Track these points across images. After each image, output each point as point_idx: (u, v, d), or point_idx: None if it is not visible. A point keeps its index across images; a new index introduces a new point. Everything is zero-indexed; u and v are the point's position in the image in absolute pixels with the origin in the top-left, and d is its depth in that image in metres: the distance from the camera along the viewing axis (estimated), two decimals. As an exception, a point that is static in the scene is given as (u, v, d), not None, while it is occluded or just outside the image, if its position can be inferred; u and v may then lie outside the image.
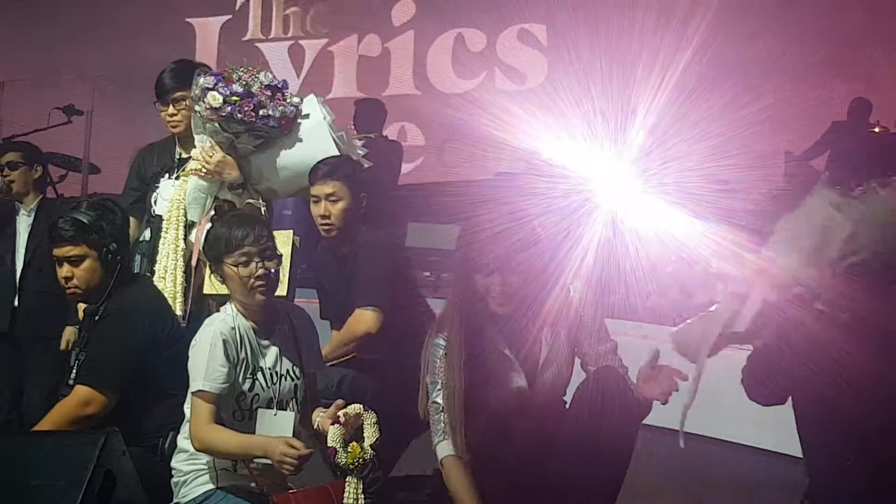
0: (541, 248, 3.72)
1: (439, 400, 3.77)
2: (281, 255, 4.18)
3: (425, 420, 3.91)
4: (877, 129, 10.30)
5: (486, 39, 12.56)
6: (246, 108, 4.92)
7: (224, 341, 3.99)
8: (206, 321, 4.13)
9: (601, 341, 3.84)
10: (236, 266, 4.04)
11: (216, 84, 4.90)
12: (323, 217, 4.98)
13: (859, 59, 11.15)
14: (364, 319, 4.87)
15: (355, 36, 12.98)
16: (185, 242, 5.09)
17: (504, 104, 9.91)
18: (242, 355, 4.04)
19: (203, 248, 4.31)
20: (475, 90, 12.61)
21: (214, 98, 4.90)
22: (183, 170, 5.20)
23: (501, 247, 3.66)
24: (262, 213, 5.04)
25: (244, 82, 4.93)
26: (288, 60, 13.06)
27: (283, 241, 4.80)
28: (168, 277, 5.05)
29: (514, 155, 10.01)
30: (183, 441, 4.09)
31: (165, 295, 4.88)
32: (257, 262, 4.05)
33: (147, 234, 5.26)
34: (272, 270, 4.07)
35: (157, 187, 5.30)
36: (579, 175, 8.80)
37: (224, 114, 4.92)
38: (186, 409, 4.05)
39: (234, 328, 4.05)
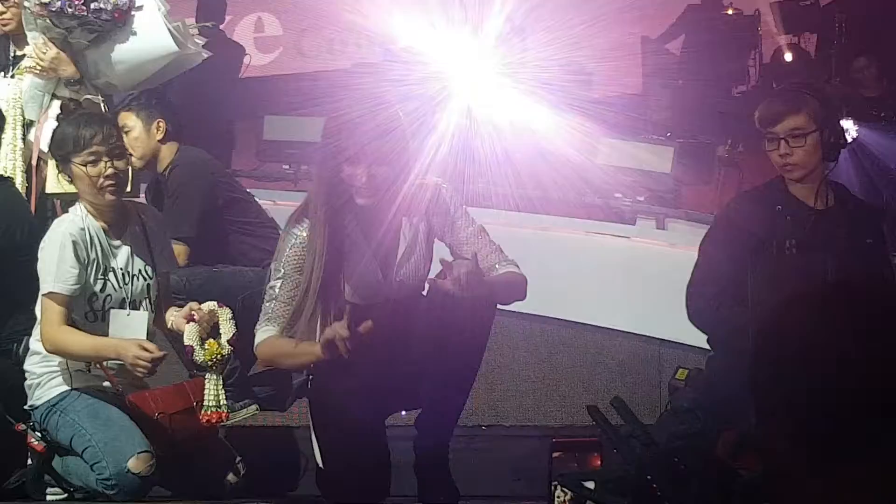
0: (402, 136, 3.70)
1: (275, 286, 3.72)
2: (130, 154, 4.12)
3: None
4: (730, 12, 10.43)
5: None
6: (76, 2, 4.81)
7: (74, 242, 3.94)
8: (55, 222, 4.07)
9: (466, 226, 3.84)
10: (85, 165, 3.98)
11: None
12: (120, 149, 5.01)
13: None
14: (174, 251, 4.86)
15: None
16: (24, 142, 4.98)
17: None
18: (93, 256, 3.99)
19: (50, 147, 4.22)
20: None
21: None
22: (18, 68, 5.07)
23: (367, 136, 3.62)
24: (103, 108, 4.95)
25: None
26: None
27: None
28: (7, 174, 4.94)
29: (372, 41, 9.96)
30: (35, 343, 4.05)
31: None
32: (106, 162, 3.99)
33: None
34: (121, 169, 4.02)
35: None
36: (437, 62, 8.82)
37: (54, 9, 4.80)
38: (37, 311, 4.00)
39: (83, 229, 3.99)
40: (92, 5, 4.83)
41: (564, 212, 7.89)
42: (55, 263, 3.91)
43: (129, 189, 4.39)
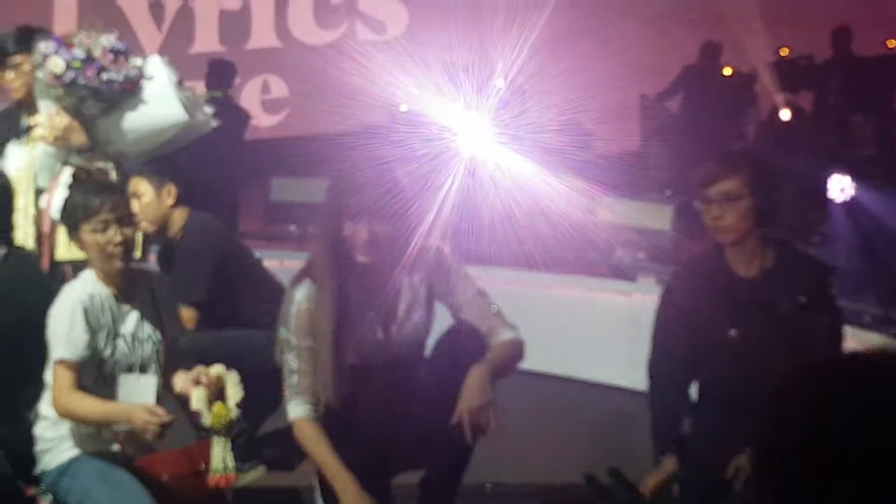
0: (403, 196, 3.76)
1: (291, 360, 3.79)
2: (139, 220, 4.21)
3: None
4: (727, 71, 10.56)
5: (345, -10, 12.56)
6: (89, 73, 4.88)
7: (84, 309, 4.00)
8: (65, 288, 4.13)
9: (467, 288, 3.90)
10: (94, 233, 4.06)
11: (57, 49, 4.87)
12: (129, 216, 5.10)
13: (709, 2, 11.38)
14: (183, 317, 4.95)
15: (215, -11, 12.87)
16: (36, 209, 5.08)
17: (366, 54, 9.98)
18: (103, 322, 4.05)
19: (61, 215, 4.31)
20: (337, 41, 12.61)
21: (56, 64, 4.86)
22: (30, 136, 5.18)
23: (369, 195, 3.67)
24: (113, 176, 5.06)
25: (85, 47, 4.89)
26: (149, 17, 12.89)
27: None
28: (21, 243, 5.04)
29: (377, 105, 10.09)
30: (45, 408, 4.10)
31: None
32: (115, 229, 4.08)
33: None
34: (129, 237, 4.11)
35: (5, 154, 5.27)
36: (439, 124, 8.94)
37: (67, 80, 4.89)
38: (48, 376, 4.08)
39: (93, 295, 4.06)
40: (104, 76, 4.91)
41: (565, 269, 7.98)
42: (65, 330, 3.97)
43: (139, 254, 4.48)
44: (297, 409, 3.80)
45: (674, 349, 4.09)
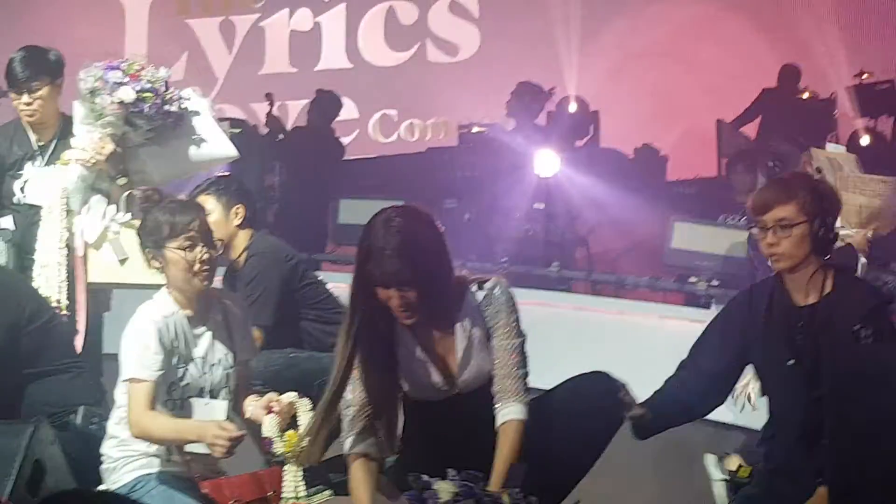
0: (433, 254, 3.64)
1: (347, 391, 3.75)
2: (219, 243, 4.20)
3: None
4: (806, 95, 10.40)
5: (417, 12, 12.54)
6: (157, 104, 4.94)
7: (158, 330, 3.96)
8: (140, 309, 4.10)
9: (507, 336, 3.77)
10: (182, 250, 4.02)
11: (124, 79, 4.91)
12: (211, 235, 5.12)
13: (789, 25, 11.25)
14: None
15: (286, 10, 12.91)
16: (68, 232, 5.09)
17: (437, 76, 9.98)
18: (175, 344, 4.01)
19: (140, 235, 4.25)
20: (408, 63, 12.61)
21: (127, 94, 4.91)
22: (54, 157, 5.18)
23: (391, 264, 3.55)
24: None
25: (150, 78, 4.95)
26: (219, 37, 12.96)
27: None
28: (52, 267, 5.02)
29: (449, 127, 10.05)
30: (114, 427, 4.06)
31: (49, 284, 4.92)
32: (202, 247, 4.04)
33: (9, 221, 5.23)
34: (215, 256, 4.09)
35: (21, 174, 5.26)
36: (512, 147, 8.88)
37: (135, 109, 4.92)
38: (118, 395, 4.03)
39: (167, 317, 4.02)
40: (165, 108, 4.97)
41: (639, 296, 7.86)
42: (140, 349, 3.93)
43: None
44: (347, 443, 3.76)
45: (705, 364, 4.06)
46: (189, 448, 3.98)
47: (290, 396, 4.02)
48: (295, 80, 12.46)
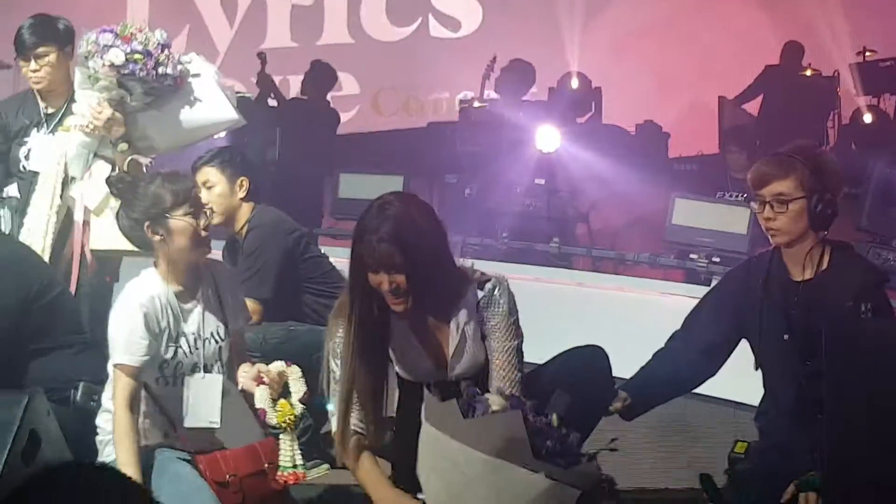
0: (424, 239, 3.58)
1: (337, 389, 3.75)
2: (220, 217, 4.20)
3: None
4: (809, 73, 10.36)
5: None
6: (148, 67, 4.90)
7: (145, 314, 3.93)
8: (127, 288, 4.06)
9: (503, 338, 3.73)
10: (188, 216, 3.98)
11: (114, 41, 4.87)
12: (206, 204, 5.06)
13: (792, 2, 11.21)
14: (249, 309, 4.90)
15: (289, -16, 12.88)
16: (62, 198, 5.06)
17: (439, 51, 9.95)
18: (164, 324, 3.98)
19: (139, 207, 4.19)
20: (410, 38, 12.57)
21: (117, 56, 4.86)
22: (60, 124, 5.16)
23: (383, 249, 3.52)
24: (145, 168, 5.04)
25: (143, 40, 4.91)
26: (221, 11, 12.92)
27: None
28: (38, 232, 5.01)
29: (450, 103, 10.02)
30: (108, 401, 4.04)
31: (33, 248, 4.86)
32: (206, 214, 4.04)
33: (15, 189, 5.21)
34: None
35: (27, 141, 5.25)
36: (513, 123, 8.84)
37: (126, 71, 4.89)
38: (110, 368, 4.02)
39: (154, 297, 3.98)
40: (159, 70, 4.93)
41: (639, 272, 7.85)
42: (125, 334, 3.91)
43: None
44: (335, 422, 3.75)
45: (698, 335, 4.09)
46: (187, 424, 3.98)
47: (278, 366, 4.02)
48: (296, 54, 12.40)
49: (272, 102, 10.61)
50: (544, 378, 3.80)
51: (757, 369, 4.07)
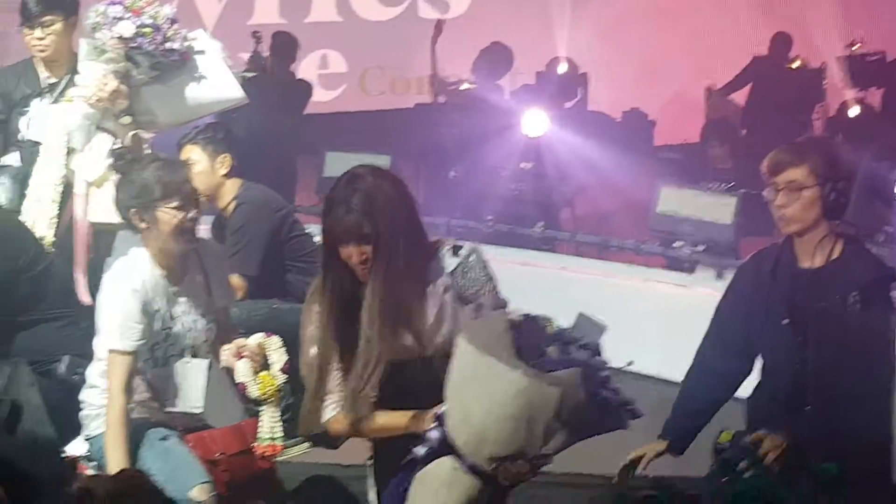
0: (398, 209, 3.47)
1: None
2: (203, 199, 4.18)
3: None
4: (796, 65, 10.39)
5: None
6: (157, 41, 4.87)
7: (140, 299, 3.93)
8: (116, 268, 4.05)
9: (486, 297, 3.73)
10: (175, 210, 3.96)
11: (124, 14, 4.85)
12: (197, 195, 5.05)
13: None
14: (232, 284, 4.89)
15: (278, -41, 12.82)
16: (66, 169, 5.04)
17: (427, 32, 9.91)
18: (155, 307, 3.98)
19: (127, 194, 4.16)
20: (398, 18, 12.55)
21: (126, 28, 4.84)
22: (62, 94, 5.12)
23: (346, 217, 3.40)
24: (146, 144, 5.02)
25: (152, 14, 4.89)
26: (209, -15, 12.86)
27: None
28: (44, 202, 4.98)
29: (437, 83, 9.98)
30: (94, 377, 4.04)
31: (40, 220, 4.84)
32: (191, 207, 4.01)
33: (16, 158, 5.19)
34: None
35: (27, 111, 5.22)
36: (499, 106, 8.84)
37: (133, 45, 4.86)
38: (97, 347, 4.00)
39: (145, 280, 3.97)
40: (167, 45, 4.91)
41: (623, 258, 7.86)
42: (118, 319, 3.90)
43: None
44: (329, 412, 3.60)
45: (725, 337, 4.04)
46: (171, 408, 3.99)
47: (257, 338, 4.02)
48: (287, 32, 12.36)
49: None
50: None
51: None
